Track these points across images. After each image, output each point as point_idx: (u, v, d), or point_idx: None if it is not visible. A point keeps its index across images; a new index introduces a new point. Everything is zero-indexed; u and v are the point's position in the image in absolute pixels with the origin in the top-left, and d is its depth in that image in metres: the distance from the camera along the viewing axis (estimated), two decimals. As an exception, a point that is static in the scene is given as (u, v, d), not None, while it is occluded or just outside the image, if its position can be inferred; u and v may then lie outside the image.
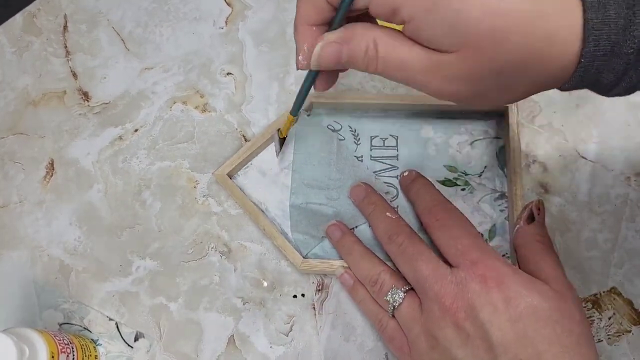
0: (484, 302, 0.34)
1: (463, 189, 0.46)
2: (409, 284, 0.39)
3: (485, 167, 0.46)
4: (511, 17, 0.27)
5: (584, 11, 0.27)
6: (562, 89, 0.30)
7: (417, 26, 0.28)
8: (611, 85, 0.29)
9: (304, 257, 0.44)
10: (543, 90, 0.31)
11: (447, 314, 0.35)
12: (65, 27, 0.55)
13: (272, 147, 0.48)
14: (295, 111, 0.41)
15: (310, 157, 0.47)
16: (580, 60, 0.28)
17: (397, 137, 0.47)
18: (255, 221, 0.46)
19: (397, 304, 0.39)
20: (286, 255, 0.44)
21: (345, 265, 0.43)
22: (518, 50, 0.27)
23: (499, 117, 0.47)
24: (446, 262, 0.38)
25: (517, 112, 0.46)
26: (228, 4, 0.53)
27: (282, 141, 0.46)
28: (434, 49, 0.29)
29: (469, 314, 0.35)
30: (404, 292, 0.39)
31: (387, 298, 0.39)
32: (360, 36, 0.30)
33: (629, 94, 0.30)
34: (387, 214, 0.42)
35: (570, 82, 0.29)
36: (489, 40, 0.27)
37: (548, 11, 0.27)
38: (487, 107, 0.38)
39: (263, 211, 0.46)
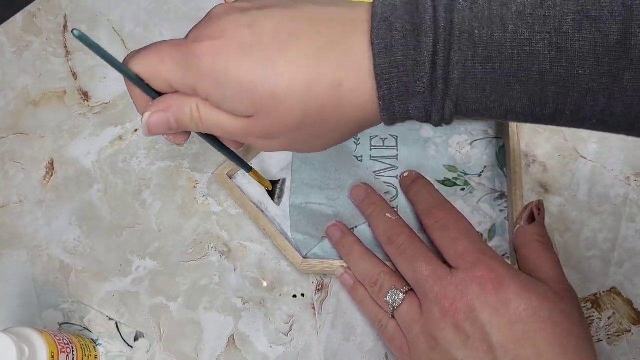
0: (483, 303, 0.35)
1: (463, 189, 0.46)
2: (408, 284, 0.39)
3: (485, 167, 0.46)
4: (285, 78, 0.29)
5: (374, 57, 0.28)
6: (386, 124, 0.31)
7: (215, 100, 0.31)
8: (425, 119, 0.31)
9: (303, 257, 0.44)
10: (363, 130, 0.33)
11: (447, 316, 0.35)
12: (65, 26, 0.55)
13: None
14: (246, 167, 0.43)
15: (310, 157, 0.47)
16: (379, 103, 0.29)
17: (397, 137, 0.47)
18: (255, 221, 0.46)
19: (396, 305, 0.39)
20: (286, 255, 0.44)
21: (345, 265, 0.43)
22: (303, 107, 0.30)
23: (498, 117, 0.47)
24: (446, 263, 0.38)
25: (517, 112, 0.46)
26: (228, 4, 0.53)
27: (273, 190, 0.46)
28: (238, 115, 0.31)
29: (469, 315, 0.35)
30: (404, 293, 0.39)
31: (387, 299, 0.39)
32: (183, 102, 0.32)
33: (456, 119, 0.32)
34: (387, 214, 0.42)
35: (385, 120, 0.31)
36: (271, 104, 0.29)
37: (327, 65, 0.29)
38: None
39: (263, 211, 0.46)
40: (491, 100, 0.29)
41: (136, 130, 0.50)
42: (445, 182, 0.46)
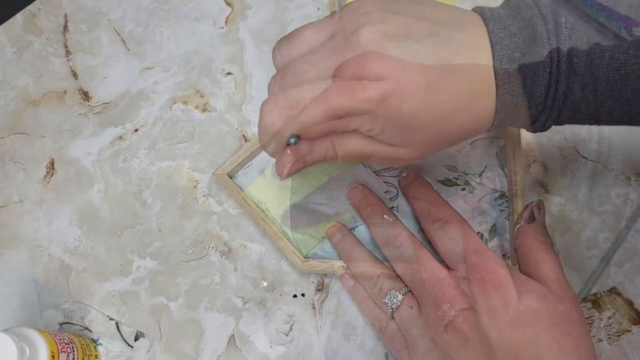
0: (482, 305, 0.34)
1: (463, 189, 0.46)
2: (407, 286, 0.39)
3: (486, 166, 0.46)
4: (450, 116, 0.32)
5: (497, 87, 0.32)
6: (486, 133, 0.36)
7: (377, 134, 0.33)
8: (525, 128, 0.35)
9: (304, 257, 0.44)
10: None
11: (446, 318, 0.35)
12: (65, 26, 0.55)
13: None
14: None
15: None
16: (494, 123, 0.33)
17: (397, 136, 0.47)
18: (255, 221, 0.46)
19: (395, 307, 0.39)
20: (286, 255, 0.44)
21: (346, 265, 0.43)
22: (455, 141, 0.34)
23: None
24: (445, 264, 0.38)
25: (518, 112, 0.46)
26: (228, 4, 0.53)
27: None
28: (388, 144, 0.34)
29: (468, 317, 0.35)
30: (403, 295, 0.39)
31: (386, 300, 0.39)
32: (319, 146, 0.34)
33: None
34: (385, 216, 0.42)
35: (488, 132, 0.35)
36: (435, 138, 0.33)
37: (477, 105, 0.32)
38: None
39: (263, 211, 0.46)
40: (584, 114, 0.33)
41: (137, 130, 0.50)
42: (446, 182, 0.46)
